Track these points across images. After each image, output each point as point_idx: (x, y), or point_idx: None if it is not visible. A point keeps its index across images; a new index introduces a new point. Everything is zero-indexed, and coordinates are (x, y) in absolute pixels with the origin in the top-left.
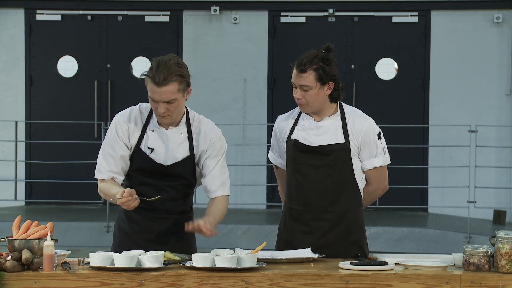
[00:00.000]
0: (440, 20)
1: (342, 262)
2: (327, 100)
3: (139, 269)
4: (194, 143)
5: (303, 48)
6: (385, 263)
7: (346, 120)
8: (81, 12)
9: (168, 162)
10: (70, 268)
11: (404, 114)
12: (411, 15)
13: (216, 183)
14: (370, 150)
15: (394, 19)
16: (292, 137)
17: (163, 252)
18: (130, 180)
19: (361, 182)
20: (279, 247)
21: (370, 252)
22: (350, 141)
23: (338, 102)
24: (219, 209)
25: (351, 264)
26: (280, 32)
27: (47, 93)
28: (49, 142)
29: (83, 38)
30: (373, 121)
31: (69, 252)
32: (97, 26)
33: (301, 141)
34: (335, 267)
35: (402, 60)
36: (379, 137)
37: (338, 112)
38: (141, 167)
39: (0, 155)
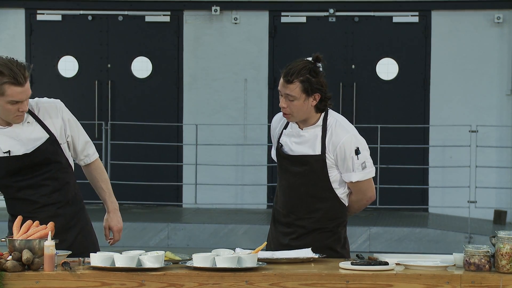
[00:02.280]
0: (440, 20)
1: (342, 262)
2: (313, 110)
3: (140, 269)
4: (47, 124)
5: (303, 48)
6: (386, 263)
7: (326, 132)
8: (81, 12)
9: (29, 150)
10: (70, 268)
11: (404, 114)
12: (411, 15)
13: (90, 146)
14: (346, 165)
15: (395, 19)
16: (280, 141)
17: (163, 252)
18: (5, 190)
19: (342, 191)
20: (267, 245)
21: (371, 252)
22: (326, 154)
23: (324, 113)
24: (106, 177)
25: (352, 264)
26: (280, 32)
27: (47, 93)
28: None
29: (83, 38)
30: (355, 135)
31: (69, 252)
32: (97, 26)
33: (284, 147)
34: (336, 267)
35: (402, 60)
36: (357, 153)
37: (320, 123)
38: (8, 171)
39: None
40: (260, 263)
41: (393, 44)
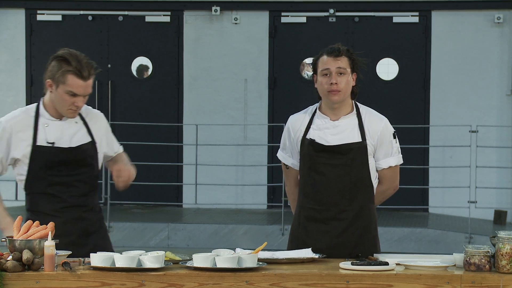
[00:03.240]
0: (440, 20)
1: (342, 262)
2: (350, 92)
3: (140, 269)
4: (92, 129)
5: (303, 48)
6: (386, 263)
7: (363, 119)
8: (81, 12)
9: (73, 145)
10: (70, 268)
11: (404, 114)
12: (411, 15)
13: (116, 144)
14: (386, 150)
15: (395, 19)
16: (308, 136)
17: (163, 252)
18: (36, 183)
19: (375, 181)
20: (292, 246)
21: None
22: (367, 140)
23: (354, 101)
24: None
25: (352, 264)
26: (280, 32)
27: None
28: None
29: (83, 38)
30: (388, 121)
31: (69, 252)
32: (97, 26)
33: (318, 140)
34: (336, 267)
35: (402, 60)
36: (394, 137)
37: (354, 111)
38: (48, 162)
39: None
40: (260, 263)
41: (393, 44)
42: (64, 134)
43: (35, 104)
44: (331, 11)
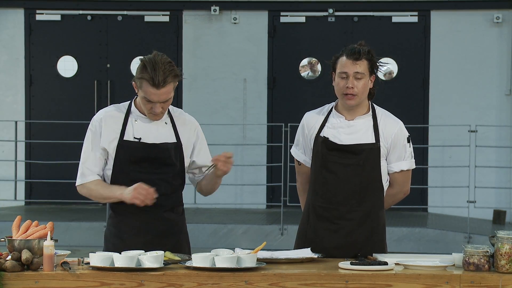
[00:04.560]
0: (440, 20)
1: (342, 262)
2: (367, 94)
3: (139, 269)
4: (179, 131)
5: (303, 48)
6: (385, 263)
7: (378, 121)
8: (81, 12)
9: (157, 142)
10: (70, 268)
11: (404, 114)
12: (411, 15)
13: (209, 158)
14: (399, 153)
15: (394, 19)
16: (322, 134)
17: (163, 252)
18: (120, 178)
19: (385, 184)
20: (300, 244)
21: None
22: (381, 142)
23: (370, 102)
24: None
25: (351, 264)
26: (280, 32)
27: (47, 93)
28: (49, 142)
29: (83, 38)
30: (403, 125)
31: (69, 252)
32: (97, 26)
33: (331, 139)
34: (335, 267)
35: (402, 60)
36: (408, 141)
37: (370, 112)
38: (131, 156)
39: (0, 155)
40: (260, 263)
41: (393, 44)
42: (152, 131)
43: (128, 102)
44: (330, 11)
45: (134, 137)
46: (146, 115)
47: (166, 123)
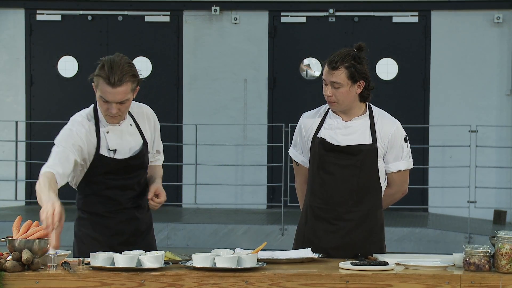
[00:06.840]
0: (440, 20)
1: (342, 262)
2: (357, 99)
3: (140, 269)
4: (142, 129)
5: (303, 48)
6: (386, 263)
7: (375, 122)
8: (81, 12)
9: (129, 155)
10: (70, 268)
11: (404, 114)
12: (411, 15)
13: (160, 146)
14: (396, 153)
15: (395, 19)
16: (319, 135)
17: (163, 252)
18: (92, 186)
19: (383, 184)
20: (298, 245)
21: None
22: (378, 143)
23: (367, 103)
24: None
25: (352, 264)
26: (280, 32)
27: (47, 93)
28: (49, 142)
29: (83, 38)
30: (400, 125)
31: (69, 252)
32: (97, 26)
33: (328, 140)
34: (336, 267)
35: (402, 60)
36: (405, 141)
37: (367, 113)
38: (106, 171)
39: (0, 155)
40: (260, 263)
41: (393, 44)
42: (125, 138)
43: (92, 107)
44: (331, 11)
45: (109, 149)
46: (104, 118)
47: (131, 125)
